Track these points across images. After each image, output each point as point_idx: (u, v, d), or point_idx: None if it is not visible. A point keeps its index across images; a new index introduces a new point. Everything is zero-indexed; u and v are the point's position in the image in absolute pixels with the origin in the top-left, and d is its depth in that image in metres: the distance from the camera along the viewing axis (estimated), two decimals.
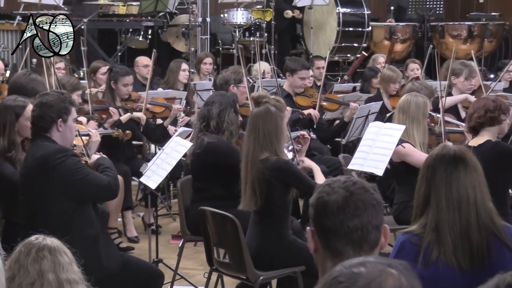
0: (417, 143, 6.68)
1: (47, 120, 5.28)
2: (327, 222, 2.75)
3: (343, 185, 2.79)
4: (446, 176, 3.88)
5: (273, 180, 5.51)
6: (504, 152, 6.25)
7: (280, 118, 5.67)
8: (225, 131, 6.55)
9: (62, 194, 5.20)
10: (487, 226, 3.87)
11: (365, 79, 10.56)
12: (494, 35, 14.20)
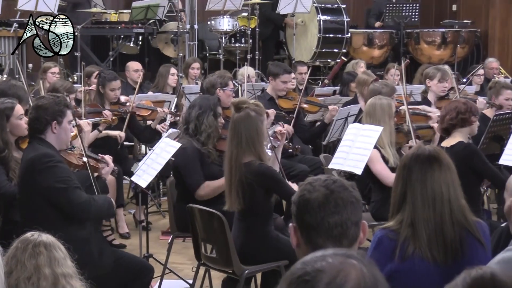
0: (385, 143, 6.72)
1: (42, 122, 5.26)
2: (308, 218, 2.76)
3: (324, 184, 2.80)
4: (421, 175, 3.89)
5: (255, 184, 5.51)
6: (475, 153, 6.28)
7: (260, 121, 5.65)
8: (202, 134, 6.54)
9: (45, 198, 5.18)
10: (460, 222, 3.89)
11: (344, 83, 10.58)
12: (467, 41, 14.25)
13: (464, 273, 2.15)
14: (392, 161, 6.63)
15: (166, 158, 6.40)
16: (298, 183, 3.01)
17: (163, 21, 13.30)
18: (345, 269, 1.81)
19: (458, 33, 14.20)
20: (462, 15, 15.03)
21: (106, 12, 13.15)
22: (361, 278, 1.80)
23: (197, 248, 5.98)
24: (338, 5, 13.90)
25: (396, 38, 14.08)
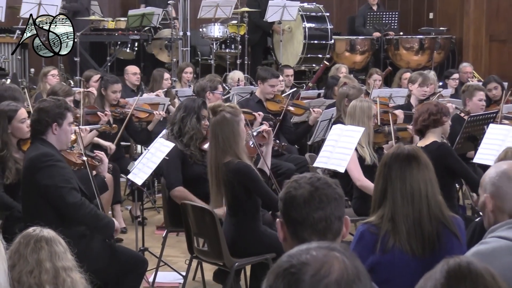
0: (363, 143, 6.73)
1: (43, 124, 5.26)
2: (294, 214, 2.76)
3: (309, 181, 2.80)
4: (401, 172, 3.89)
5: (234, 181, 5.50)
6: (448, 153, 6.30)
7: (236, 123, 5.62)
8: (185, 135, 6.54)
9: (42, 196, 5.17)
10: (437, 216, 3.89)
11: (328, 86, 10.58)
12: (443, 47, 14.27)
13: (442, 262, 2.20)
14: (368, 160, 6.65)
15: (161, 157, 6.40)
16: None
17: (158, 28, 13.28)
18: (329, 261, 1.81)
19: (435, 40, 14.23)
20: (438, 23, 15.06)
21: (104, 19, 13.13)
22: (344, 270, 1.81)
23: (190, 242, 5.97)
24: (322, 13, 13.92)
25: (377, 44, 14.10)
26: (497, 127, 7.15)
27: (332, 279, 1.78)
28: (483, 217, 3.52)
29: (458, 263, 2.18)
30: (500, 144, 6.39)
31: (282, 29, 13.67)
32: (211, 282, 6.44)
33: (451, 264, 2.18)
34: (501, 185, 3.37)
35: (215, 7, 12.84)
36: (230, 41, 13.37)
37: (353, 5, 16.05)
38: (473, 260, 2.22)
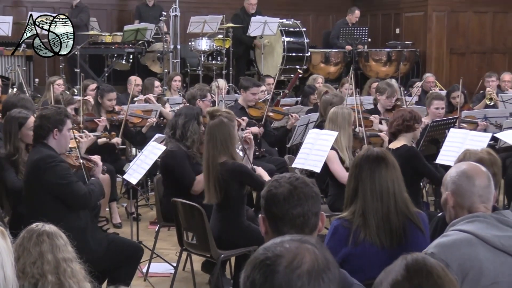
0: (344, 146, 6.73)
1: (44, 129, 5.27)
2: (275, 210, 2.76)
3: (288, 180, 2.80)
4: (371, 172, 3.91)
5: (230, 180, 5.50)
6: (416, 156, 6.32)
7: (232, 127, 5.67)
8: (188, 139, 6.54)
9: (49, 193, 5.18)
10: (403, 212, 3.91)
11: (305, 95, 10.60)
12: (408, 59, 14.31)
13: (401, 257, 2.30)
14: (347, 162, 6.64)
15: (154, 159, 6.41)
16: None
17: (151, 42, 13.26)
18: (301, 253, 1.82)
19: (401, 53, 14.26)
20: (404, 37, 15.10)
21: (101, 34, 13.09)
22: (314, 260, 1.82)
23: (180, 236, 5.96)
24: (300, 29, 13.94)
25: (349, 56, 14.12)
26: (457, 131, 7.18)
27: (304, 269, 1.79)
28: (445, 213, 3.53)
29: (415, 258, 2.28)
30: (459, 146, 6.41)
31: (262, 43, 13.68)
32: (199, 272, 6.44)
33: (409, 259, 2.27)
34: (460, 183, 3.38)
35: (202, 23, 12.86)
36: (216, 53, 13.37)
37: (327, 21, 16.10)
38: (426, 256, 2.34)
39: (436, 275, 2.27)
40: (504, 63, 15.28)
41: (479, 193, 3.36)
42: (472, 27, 15.31)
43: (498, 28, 15.52)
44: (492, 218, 3.27)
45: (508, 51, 15.65)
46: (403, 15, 15.32)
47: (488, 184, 3.39)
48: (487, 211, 3.35)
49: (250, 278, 1.81)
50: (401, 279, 2.25)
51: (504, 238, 3.18)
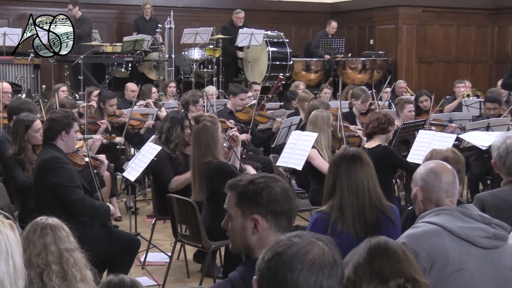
0: (323, 146, 6.74)
1: (53, 131, 5.25)
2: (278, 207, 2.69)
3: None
4: (347, 170, 3.91)
5: (214, 177, 5.49)
6: (391, 153, 6.34)
7: (215, 129, 5.66)
8: (172, 143, 6.53)
9: (52, 192, 5.14)
10: (377, 206, 3.91)
11: (287, 100, 10.61)
12: (381, 67, 14.34)
13: (365, 241, 2.36)
14: (327, 160, 6.65)
15: (150, 158, 6.39)
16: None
17: (148, 52, 13.23)
18: (311, 245, 1.87)
19: (375, 61, 14.30)
20: (378, 47, 15.12)
21: (103, 44, 13.05)
22: (321, 254, 1.86)
23: (174, 228, 5.96)
24: (283, 40, 13.95)
25: (328, 65, 14.14)
26: (425, 132, 7.20)
27: (308, 258, 1.84)
28: (415, 206, 3.53)
29: (378, 241, 2.33)
30: (427, 146, 6.43)
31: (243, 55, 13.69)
32: (192, 261, 6.44)
33: (372, 242, 2.32)
34: (429, 180, 3.38)
35: (195, 34, 12.86)
36: (207, 62, 13.35)
37: (308, 33, 16.09)
38: (389, 240, 2.38)
39: (396, 259, 2.29)
40: (467, 71, 15.36)
41: (445, 189, 3.37)
42: (439, 39, 15.37)
43: (462, 40, 15.60)
44: (457, 211, 3.27)
45: (471, 60, 15.74)
46: (376, 28, 15.35)
47: (453, 180, 3.40)
48: (452, 205, 3.36)
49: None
50: (363, 262, 2.29)
51: (467, 229, 3.19)
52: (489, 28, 15.68)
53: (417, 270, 2.35)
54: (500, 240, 3.23)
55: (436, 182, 3.37)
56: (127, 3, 14.49)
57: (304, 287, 1.81)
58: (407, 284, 2.26)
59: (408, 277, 2.28)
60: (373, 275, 2.28)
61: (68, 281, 3.23)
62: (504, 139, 4.25)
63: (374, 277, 2.28)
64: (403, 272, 2.29)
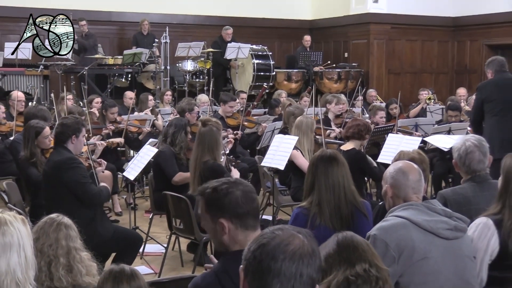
0: (306, 149, 6.75)
1: (65, 135, 5.24)
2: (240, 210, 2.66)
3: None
4: (325, 169, 3.92)
5: (209, 177, 5.48)
6: (362, 158, 6.35)
7: (219, 135, 5.72)
8: (177, 146, 6.58)
9: (66, 189, 5.13)
10: (351, 202, 3.92)
11: (271, 107, 10.62)
12: (354, 77, 14.36)
13: (333, 236, 2.43)
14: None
15: (148, 159, 6.40)
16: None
17: (145, 64, 13.19)
18: (292, 237, 1.88)
19: (349, 72, 14.33)
20: (351, 60, 15.17)
21: (105, 57, 12.99)
22: (301, 245, 1.86)
23: (169, 222, 5.95)
24: (266, 53, 13.96)
25: (307, 75, 14.16)
26: (394, 136, 7.23)
27: (290, 249, 1.84)
28: (385, 202, 3.55)
29: (345, 235, 2.41)
30: (396, 148, 6.45)
31: (237, 64, 13.70)
32: (185, 251, 6.42)
33: (340, 236, 2.40)
34: (397, 178, 3.40)
35: (188, 48, 12.86)
36: (199, 73, 13.34)
37: (289, 47, 16.12)
38: (354, 234, 2.44)
39: (361, 249, 2.36)
40: (431, 81, 15.44)
41: (412, 186, 3.38)
42: (405, 52, 15.43)
43: (426, 53, 15.67)
44: (423, 206, 3.29)
45: (434, 72, 15.82)
46: (350, 42, 15.39)
47: (419, 178, 3.42)
48: (418, 200, 3.37)
49: (250, 246, 1.89)
50: (333, 253, 2.36)
51: (432, 222, 3.20)
52: (449, 43, 15.77)
53: (379, 259, 2.41)
54: (460, 231, 3.25)
55: (404, 180, 3.38)
56: (127, 20, 14.45)
57: (286, 274, 1.81)
58: (371, 268, 2.34)
59: (371, 263, 2.36)
60: (341, 262, 2.35)
61: (73, 274, 3.25)
62: (463, 142, 4.28)
63: (343, 263, 2.35)
64: (367, 259, 2.36)
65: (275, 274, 1.81)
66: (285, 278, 1.81)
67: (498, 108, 6.89)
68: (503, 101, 6.88)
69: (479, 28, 14.94)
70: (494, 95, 6.90)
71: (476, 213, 3.69)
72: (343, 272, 2.31)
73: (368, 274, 2.31)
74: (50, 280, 3.21)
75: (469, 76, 15.41)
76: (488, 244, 3.45)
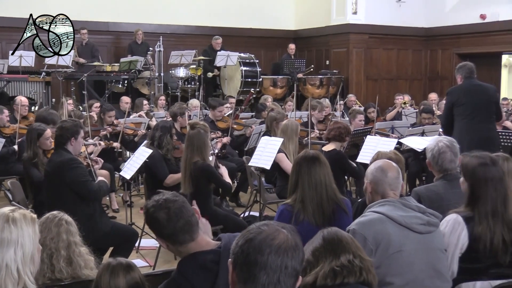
0: (291, 152, 6.75)
1: (64, 137, 5.23)
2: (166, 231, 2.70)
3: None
4: (308, 169, 3.92)
5: (199, 176, 5.49)
6: (343, 158, 6.37)
7: (206, 136, 5.69)
8: (163, 148, 6.59)
9: (68, 187, 5.11)
10: (333, 199, 3.92)
11: (258, 110, 10.61)
12: (335, 83, 14.41)
13: (319, 232, 2.47)
14: None
15: (143, 159, 6.37)
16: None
17: (141, 71, 13.17)
18: (277, 232, 1.88)
19: (330, 79, 14.36)
20: (333, 67, 15.20)
21: (103, 65, 12.96)
22: (285, 240, 1.87)
23: None
24: (253, 60, 13.96)
25: (291, 81, 14.17)
26: (372, 137, 7.24)
27: (275, 243, 1.85)
28: (366, 197, 3.56)
29: (330, 231, 2.45)
30: (374, 149, 6.47)
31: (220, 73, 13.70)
32: None
33: (325, 232, 2.44)
34: (376, 175, 3.42)
35: (180, 56, 12.84)
36: (190, 79, 13.33)
37: (275, 55, 16.14)
38: (338, 229, 2.48)
39: (345, 242, 2.39)
40: (406, 87, 15.51)
41: (389, 183, 3.40)
42: (382, 60, 15.49)
43: (401, 61, 15.74)
44: (399, 202, 3.30)
45: (409, 78, 15.89)
46: (331, 51, 15.42)
47: (397, 176, 3.43)
48: (395, 197, 3.39)
49: (238, 241, 1.89)
50: (319, 246, 2.39)
51: (407, 217, 3.22)
52: (422, 51, 15.85)
53: (362, 251, 2.42)
54: (433, 226, 3.27)
55: (382, 177, 3.40)
56: (122, 30, 14.40)
57: (272, 267, 1.82)
58: (355, 259, 2.36)
59: (355, 254, 2.38)
60: (327, 254, 2.37)
61: (72, 267, 3.25)
62: (436, 143, 4.30)
63: (329, 255, 2.37)
64: (351, 251, 2.39)
65: (261, 266, 1.82)
66: (271, 270, 1.82)
67: (467, 111, 6.91)
68: (472, 105, 6.90)
69: (449, 38, 15.05)
70: (463, 99, 6.92)
71: (447, 209, 3.70)
72: (329, 264, 2.33)
73: (352, 265, 2.33)
74: (52, 271, 3.21)
75: (441, 82, 15.50)
76: (459, 239, 3.46)
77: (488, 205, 3.45)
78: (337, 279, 2.29)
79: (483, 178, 3.47)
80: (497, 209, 3.45)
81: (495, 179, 3.48)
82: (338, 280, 2.29)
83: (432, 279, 3.19)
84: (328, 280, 2.29)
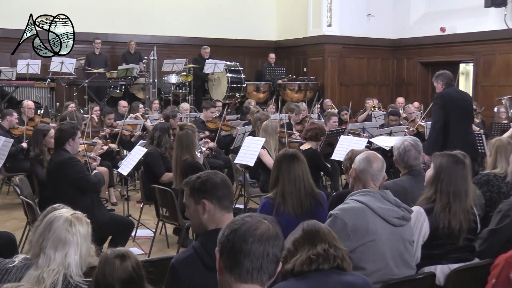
0: (272, 149, 6.75)
1: (63, 138, 5.20)
2: (219, 192, 2.68)
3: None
4: (287, 166, 3.92)
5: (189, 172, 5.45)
6: (318, 156, 6.38)
7: (194, 136, 5.71)
8: (162, 147, 6.55)
9: (69, 183, 5.08)
10: (310, 192, 3.92)
11: (243, 113, 10.61)
12: (312, 89, 14.44)
13: (299, 224, 2.46)
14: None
15: (138, 157, 6.36)
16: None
17: (136, 77, 13.10)
18: (259, 223, 1.90)
19: (308, 84, 14.38)
20: (310, 73, 15.22)
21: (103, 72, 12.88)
22: (267, 230, 1.88)
23: (157, 210, 5.90)
24: (238, 68, 13.94)
25: (272, 87, 14.17)
26: (345, 137, 7.27)
27: (257, 233, 1.86)
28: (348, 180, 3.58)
29: (309, 223, 2.44)
30: (347, 147, 6.49)
31: (214, 78, 13.67)
32: (171, 235, 6.38)
33: (305, 224, 2.43)
34: (362, 163, 3.43)
35: (172, 64, 12.80)
36: (181, 85, 13.29)
37: (258, 63, 16.11)
38: (317, 222, 2.47)
39: (322, 233, 2.38)
40: (375, 92, 15.55)
41: (372, 173, 3.40)
42: (354, 68, 15.54)
43: (371, 69, 15.80)
44: (378, 194, 3.31)
45: (378, 84, 15.96)
46: (308, 59, 15.45)
47: (381, 169, 3.43)
48: (375, 188, 3.39)
49: (224, 231, 1.90)
50: (299, 237, 2.38)
51: (385, 209, 3.22)
52: (390, 60, 15.93)
53: (338, 241, 2.42)
54: (406, 220, 3.29)
55: (367, 167, 3.40)
56: (117, 40, 14.32)
57: (256, 254, 1.82)
58: (330, 248, 2.36)
59: (330, 244, 2.37)
60: (305, 244, 2.37)
61: None
62: (402, 142, 4.32)
63: (307, 245, 2.36)
64: (327, 241, 2.38)
65: (246, 254, 1.82)
66: (255, 257, 1.82)
67: (456, 115, 6.72)
68: (459, 110, 6.69)
69: (413, 48, 15.15)
70: (451, 104, 6.67)
71: (412, 201, 3.72)
72: (306, 252, 2.33)
73: (327, 253, 2.33)
74: None
75: (406, 87, 15.61)
76: (421, 228, 3.49)
77: (451, 186, 3.49)
78: (313, 266, 2.30)
79: (452, 166, 3.53)
80: (459, 190, 3.49)
81: (463, 171, 3.55)
82: (314, 266, 2.31)
83: (399, 267, 3.21)
84: (304, 267, 2.31)
